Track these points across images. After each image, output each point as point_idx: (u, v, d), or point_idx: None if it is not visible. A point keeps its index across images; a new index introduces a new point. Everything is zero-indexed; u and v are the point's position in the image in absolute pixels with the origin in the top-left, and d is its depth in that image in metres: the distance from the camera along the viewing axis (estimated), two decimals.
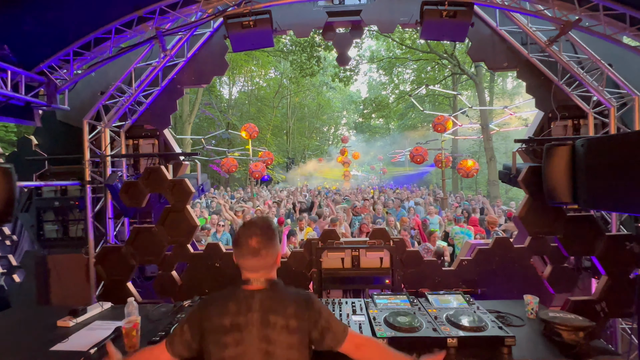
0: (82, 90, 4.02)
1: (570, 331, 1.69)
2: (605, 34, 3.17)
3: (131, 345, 1.82)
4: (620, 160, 1.79)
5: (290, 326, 1.17)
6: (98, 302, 2.38)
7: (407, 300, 2.18)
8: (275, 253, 1.28)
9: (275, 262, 1.29)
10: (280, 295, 1.24)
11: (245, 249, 1.23)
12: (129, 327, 1.81)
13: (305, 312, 1.21)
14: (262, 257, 1.23)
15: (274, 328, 1.17)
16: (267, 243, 1.24)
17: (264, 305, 1.19)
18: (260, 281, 1.25)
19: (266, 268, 1.26)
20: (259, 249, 1.23)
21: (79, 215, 4.10)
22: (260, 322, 1.17)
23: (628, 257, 2.42)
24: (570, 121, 3.86)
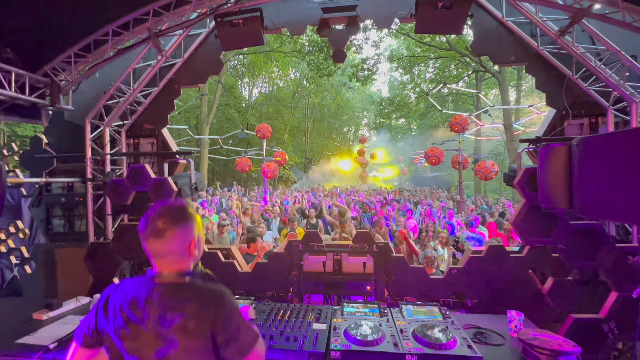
0: (87, 91, 4.20)
1: (548, 356, 1.48)
2: (624, 21, 2.83)
3: None
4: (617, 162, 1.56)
5: (188, 328, 1.04)
6: (75, 297, 2.43)
7: (377, 309, 2.04)
8: (185, 239, 1.13)
9: (187, 250, 1.14)
10: (185, 291, 1.09)
11: (149, 229, 1.11)
12: None
13: (210, 312, 1.06)
14: (167, 239, 1.10)
15: (170, 326, 1.04)
16: (175, 225, 1.11)
17: (163, 301, 1.07)
18: (167, 275, 1.12)
19: (174, 255, 1.13)
20: (164, 230, 1.10)
21: (83, 211, 4.28)
22: (158, 319, 1.05)
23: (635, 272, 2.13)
24: (587, 119, 3.50)
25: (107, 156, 3.94)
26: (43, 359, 1.74)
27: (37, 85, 3.64)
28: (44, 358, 1.74)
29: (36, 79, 3.56)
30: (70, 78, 3.71)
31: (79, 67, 3.73)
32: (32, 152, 4.52)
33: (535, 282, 2.62)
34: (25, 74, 3.43)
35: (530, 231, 2.46)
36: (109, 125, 4.05)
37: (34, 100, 3.56)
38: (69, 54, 3.59)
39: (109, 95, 3.98)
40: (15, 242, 4.57)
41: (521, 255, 2.64)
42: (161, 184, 2.92)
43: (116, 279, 3.11)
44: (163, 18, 3.53)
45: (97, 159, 4.10)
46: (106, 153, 3.93)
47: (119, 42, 3.66)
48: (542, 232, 2.42)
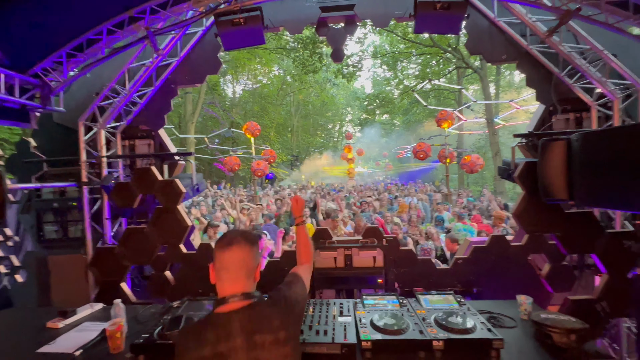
0: (77, 92, 4.05)
1: (561, 334, 1.62)
2: (607, 22, 3.04)
3: (115, 347, 1.82)
4: (615, 155, 1.71)
5: (280, 339, 1.11)
6: (89, 304, 2.39)
7: (396, 301, 2.13)
8: (255, 258, 1.21)
9: (255, 269, 1.22)
10: (262, 310, 1.14)
11: (227, 242, 1.18)
12: (112, 329, 1.81)
13: (290, 316, 1.19)
14: (246, 251, 1.18)
15: (263, 348, 1.09)
16: (249, 243, 1.20)
17: (246, 328, 1.09)
18: (237, 297, 1.13)
19: (247, 268, 1.18)
20: (244, 244, 1.19)
21: (78, 216, 4.15)
22: (246, 346, 1.08)
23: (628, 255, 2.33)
24: (573, 114, 3.73)
25: (104, 159, 3.82)
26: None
27: (26, 87, 3.49)
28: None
29: (25, 80, 3.41)
30: (62, 79, 3.58)
31: (70, 68, 3.59)
32: (19, 156, 4.32)
33: (535, 268, 2.80)
34: (15, 75, 3.27)
35: (529, 221, 2.63)
36: (104, 127, 3.93)
37: (23, 102, 3.42)
38: (60, 54, 3.46)
39: (103, 95, 3.85)
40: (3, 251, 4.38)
41: (521, 243, 2.81)
42: (169, 185, 2.89)
43: (123, 284, 3.05)
44: (159, 16, 3.46)
45: (92, 161, 3.97)
46: (102, 156, 3.82)
47: (113, 41, 3.55)
48: (541, 222, 2.60)
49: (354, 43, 20.92)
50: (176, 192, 2.90)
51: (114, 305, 2.03)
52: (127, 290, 3.06)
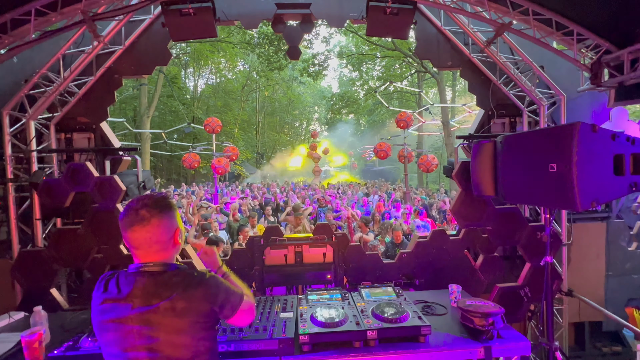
0: (1, 78, 3.62)
1: (480, 317, 1.78)
2: (535, 37, 3.37)
3: (33, 358, 1.67)
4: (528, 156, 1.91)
5: (176, 308, 1.06)
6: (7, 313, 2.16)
7: (339, 295, 2.19)
8: (170, 227, 1.14)
9: (171, 240, 1.15)
10: (169, 278, 1.10)
11: (132, 216, 1.09)
12: (29, 338, 1.66)
13: (199, 289, 1.10)
14: (153, 226, 1.09)
15: (157, 312, 1.05)
16: (160, 213, 1.11)
17: (147, 290, 1.07)
18: (153, 265, 1.11)
19: (159, 244, 1.12)
20: (149, 218, 1.09)
21: (2, 216, 3.71)
22: (142, 306, 1.05)
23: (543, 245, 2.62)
24: (508, 119, 4.09)
25: (33, 153, 3.46)
26: None
27: None
28: None
29: None
30: None
31: None
32: None
33: (470, 259, 3.05)
34: None
35: (465, 216, 2.85)
36: (34, 118, 3.56)
37: None
38: None
39: (32, 83, 3.48)
40: None
41: (458, 237, 3.03)
42: (106, 183, 2.70)
43: (54, 289, 2.80)
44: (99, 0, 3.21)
45: (20, 156, 3.58)
46: (31, 150, 3.46)
47: (44, 24, 3.21)
48: (475, 217, 2.83)
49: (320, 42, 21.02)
50: (115, 190, 2.71)
51: (34, 312, 1.85)
52: (57, 297, 2.81)
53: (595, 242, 3.82)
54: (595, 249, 3.81)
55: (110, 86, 3.79)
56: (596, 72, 3.22)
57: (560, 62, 3.86)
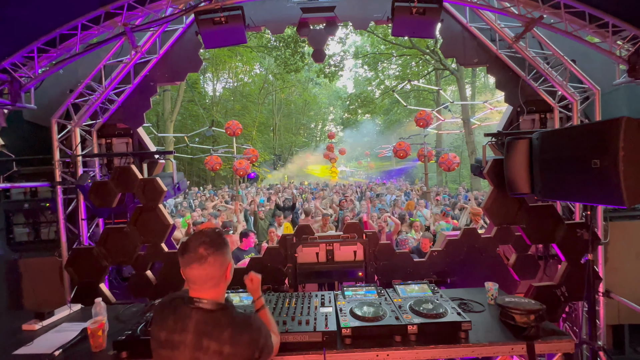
0: (49, 89, 3.90)
1: (521, 314, 1.78)
2: (566, 30, 3.29)
3: (97, 345, 1.82)
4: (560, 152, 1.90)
5: (224, 352, 1.14)
6: (67, 305, 2.35)
7: (374, 291, 2.24)
8: (223, 263, 1.23)
9: (223, 275, 1.24)
10: (219, 318, 1.19)
11: (192, 255, 1.17)
12: (94, 327, 1.81)
13: (245, 335, 1.19)
14: (209, 265, 1.18)
15: (207, 352, 1.14)
16: (216, 251, 1.20)
17: (199, 328, 1.16)
18: (202, 302, 1.19)
19: (214, 280, 1.21)
20: (207, 256, 1.17)
21: (51, 217, 4.00)
22: (193, 344, 1.15)
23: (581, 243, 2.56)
24: (538, 115, 4.00)
25: (79, 157, 3.71)
26: None
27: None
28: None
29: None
30: (33, 75, 3.44)
31: (42, 63, 3.46)
32: None
33: (503, 258, 3.01)
34: None
35: (498, 214, 2.82)
36: (79, 125, 3.82)
37: None
38: (32, 49, 3.33)
39: (78, 93, 3.74)
40: None
41: (490, 235, 3.01)
42: (149, 184, 2.87)
43: (102, 284, 3.00)
44: (137, 12, 3.41)
45: (66, 160, 3.85)
46: (78, 154, 3.71)
47: (88, 37, 3.45)
48: (508, 215, 2.80)
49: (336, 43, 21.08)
50: (157, 190, 2.88)
51: (95, 303, 2.01)
52: (106, 291, 3.00)
53: (635, 242, 3.67)
54: (635, 249, 3.67)
55: (146, 93, 4.01)
56: (634, 65, 3.11)
57: (594, 56, 3.73)
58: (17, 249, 4.09)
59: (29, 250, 4.08)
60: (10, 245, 4.08)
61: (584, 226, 1.97)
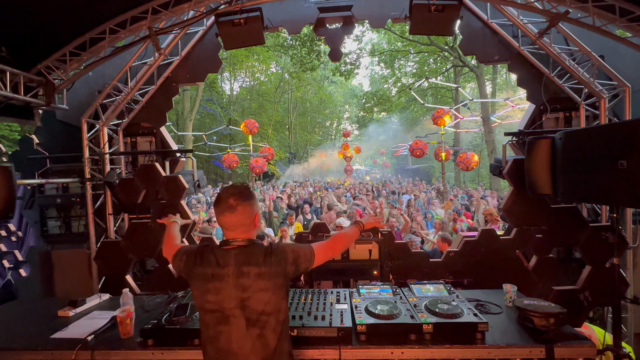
0: (79, 90, 4.12)
1: (540, 317, 1.75)
2: (594, 25, 3.16)
3: (125, 332, 1.93)
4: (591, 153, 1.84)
5: (261, 273, 1.36)
6: (97, 294, 2.50)
7: (389, 290, 2.25)
8: (251, 212, 1.43)
9: (252, 222, 1.44)
10: (252, 250, 1.41)
11: (223, 205, 1.39)
12: (123, 315, 1.92)
13: (272, 257, 1.39)
14: (239, 213, 1.38)
15: (248, 277, 1.36)
16: (244, 201, 1.39)
17: (238, 259, 1.38)
18: (237, 240, 1.40)
19: (243, 226, 1.41)
20: (236, 206, 1.38)
21: (80, 211, 4.24)
22: (235, 273, 1.36)
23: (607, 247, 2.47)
24: (562, 113, 3.87)
25: (107, 155, 3.91)
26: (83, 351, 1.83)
27: (30, 85, 3.56)
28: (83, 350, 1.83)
29: (29, 78, 3.48)
30: (65, 77, 3.65)
31: (73, 66, 3.66)
32: (22, 152, 4.40)
33: (522, 260, 2.94)
34: (20, 73, 3.35)
35: (518, 216, 2.76)
36: (107, 125, 4.01)
37: (28, 100, 3.49)
38: (64, 53, 3.53)
39: (105, 93, 3.93)
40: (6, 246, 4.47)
41: (509, 237, 2.95)
42: (172, 181, 2.99)
43: (128, 276, 3.16)
44: (161, 16, 3.54)
45: (95, 158, 4.06)
46: (105, 152, 3.90)
47: (115, 40, 3.63)
48: (528, 216, 2.73)
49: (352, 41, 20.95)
50: (179, 187, 3.00)
51: (122, 294, 2.13)
52: (131, 282, 3.17)
53: None
54: None
55: (168, 93, 4.16)
56: None
57: (623, 51, 3.57)
58: (50, 240, 4.36)
59: (60, 242, 4.34)
60: (44, 237, 4.35)
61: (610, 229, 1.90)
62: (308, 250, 1.49)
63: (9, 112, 3.62)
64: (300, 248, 1.49)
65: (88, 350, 1.82)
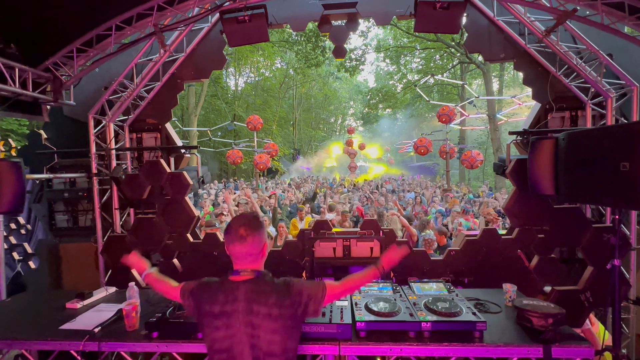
0: (86, 86, 4.17)
1: (539, 317, 1.77)
2: (603, 23, 3.11)
3: (131, 325, 1.99)
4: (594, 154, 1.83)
5: (272, 314, 1.34)
6: (104, 287, 2.56)
7: (390, 287, 2.28)
8: (260, 242, 1.43)
9: (261, 252, 1.44)
10: (263, 286, 1.38)
11: (233, 235, 1.40)
12: (128, 308, 1.98)
13: (286, 299, 1.37)
14: (249, 243, 1.39)
15: (257, 315, 1.34)
16: (253, 231, 1.40)
17: (248, 296, 1.36)
18: (247, 272, 1.40)
19: (252, 256, 1.42)
20: (246, 236, 1.38)
21: (87, 206, 4.32)
22: (245, 310, 1.35)
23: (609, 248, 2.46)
24: (568, 112, 3.82)
25: (113, 151, 3.96)
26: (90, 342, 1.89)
27: (38, 81, 3.61)
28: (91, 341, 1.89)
29: (38, 74, 3.53)
30: (72, 73, 3.70)
31: (80, 62, 3.71)
32: (30, 147, 4.48)
33: (524, 260, 2.94)
34: (28, 70, 3.40)
35: (520, 215, 2.76)
36: (113, 120, 4.07)
37: (36, 96, 3.55)
38: (71, 49, 3.57)
39: (112, 90, 3.98)
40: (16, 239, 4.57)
41: (511, 237, 2.95)
42: (176, 177, 3.03)
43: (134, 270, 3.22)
44: (166, 13, 3.56)
45: (101, 154, 4.12)
46: (112, 148, 3.96)
47: (121, 37, 3.66)
48: (530, 216, 2.73)
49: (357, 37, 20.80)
50: (184, 183, 3.04)
51: (128, 287, 2.19)
52: (137, 276, 3.23)
53: None
54: None
55: (173, 90, 4.19)
56: None
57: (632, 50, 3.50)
58: (58, 234, 4.45)
59: (67, 236, 4.43)
60: (52, 230, 4.44)
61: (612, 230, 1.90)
62: (320, 293, 1.45)
63: (18, 107, 3.68)
64: (314, 291, 1.44)
65: (95, 342, 1.87)
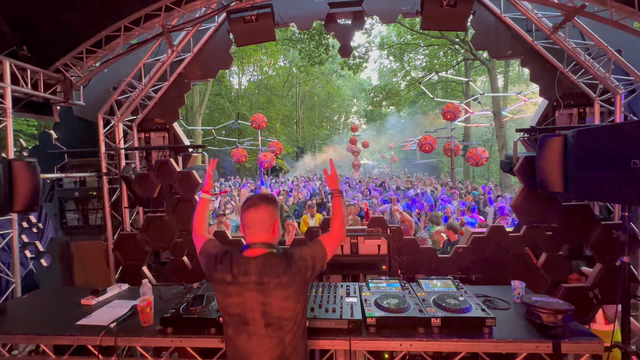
0: (95, 86, 4.23)
1: (548, 314, 1.78)
2: (612, 19, 3.09)
3: (145, 320, 2.03)
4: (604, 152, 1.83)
5: (282, 282, 1.42)
6: (117, 284, 2.61)
7: (398, 284, 2.30)
8: (273, 213, 1.49)
9: (272, 225, 1.49)
10: (271, 260, 1.45)
11: (249, 203, 1.49)
12: (143, 304, 2.02)
13: (292, 267, 1.44)
14: (261, 210, 1.47)
15: (269, 286, 1.41)
16: (267, 202, 1.49)
17: (259, 269, 1.43)
18: (257, 245, 1.46)
19: (263, 225, 1.47)
20: (260, 203, 1.48)
21: (97, 204, 4.39)
22: (257, 282, 1.42)
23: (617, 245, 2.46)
24: (576, 109, 3.80)
25: (122, 150, 4.02)
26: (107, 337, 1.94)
27: (49, 82, 3.67)
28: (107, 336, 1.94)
29: (49, 75, 3.59)
30: (82, 74, 3.75)
31: (89, 63, 3.76)
32: (41, 147, 4.55)
33: (531, 257, 2.95)
34: (39, 71, 3.46)
35: (527, 213, 2.76)
36: (122, 120, 4.12)
37: (47, 97, 3.61)
38: (81, 50, 3.63)
39: (121, 90, 4.03)
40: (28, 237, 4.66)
41: (518, 234, 2.95)
42: (186, 176, 3.08)
43: (144, 267, 3.28)
44: (174, 13, 3.60)
45: (111, 153, 4.18)
46: (121, 148, 4.02)
47: (129, 38, 3.70)
48: (538, 214, 2.73)
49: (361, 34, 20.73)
50: (193, 182, 3.09)
51: (142, 284, 2.24)
52: (147, 273, 3.29)
53: None
54: None
55: (181, 90, 4.23)
56: None
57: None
58: (69, 232, 4.53)
59: (78, 234, 4.52)
60: (63, 229, 4.53)
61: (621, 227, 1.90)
62: (320, 250, 1.52)
63: (30, 108, 3.75)
64: (315, 251, 1.52)
65: (111, 337, 1.92)
